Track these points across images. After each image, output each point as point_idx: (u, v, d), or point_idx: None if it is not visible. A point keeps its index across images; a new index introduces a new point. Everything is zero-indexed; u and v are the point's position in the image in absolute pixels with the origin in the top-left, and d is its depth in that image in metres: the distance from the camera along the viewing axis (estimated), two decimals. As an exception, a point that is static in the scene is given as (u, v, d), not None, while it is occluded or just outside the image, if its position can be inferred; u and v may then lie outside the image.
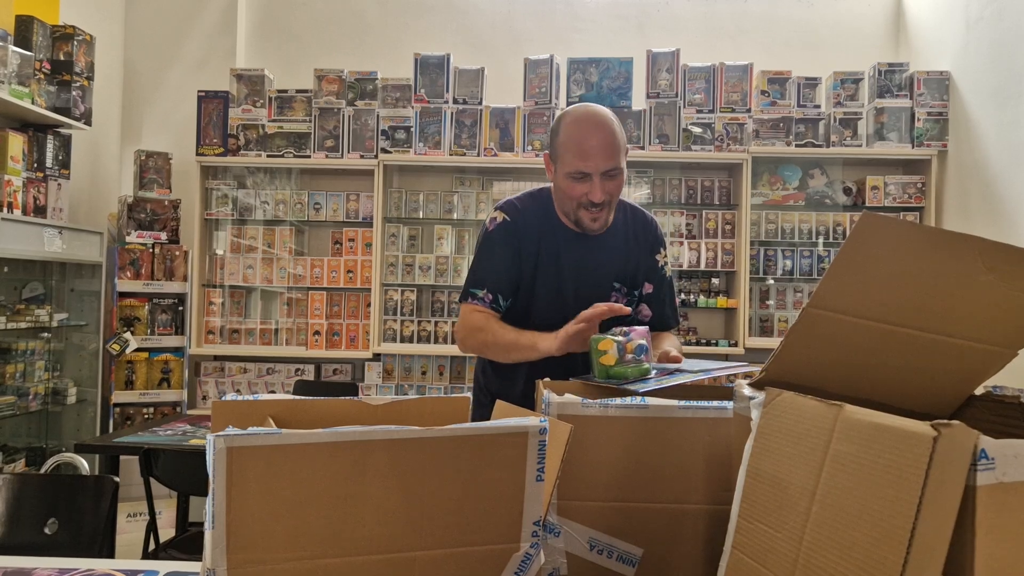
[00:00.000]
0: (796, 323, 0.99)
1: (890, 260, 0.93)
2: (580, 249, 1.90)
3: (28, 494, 1.76)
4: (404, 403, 1.18)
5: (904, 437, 0.71)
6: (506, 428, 0.95)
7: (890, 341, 0.99)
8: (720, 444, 1.13)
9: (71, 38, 3.76)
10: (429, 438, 0.91)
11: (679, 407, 1.16)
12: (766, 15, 4.56)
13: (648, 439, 1.15)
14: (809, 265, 4.16)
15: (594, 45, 4.35)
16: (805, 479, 0.84)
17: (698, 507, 1.14)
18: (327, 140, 4.22)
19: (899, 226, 0.92)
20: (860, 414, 0.80)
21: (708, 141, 4.13)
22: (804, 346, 1.01)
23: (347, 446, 0.88)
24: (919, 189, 4.10)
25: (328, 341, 4.24)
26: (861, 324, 0.98)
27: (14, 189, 3.42)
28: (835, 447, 0.81)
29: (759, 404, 0.97)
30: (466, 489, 0.93)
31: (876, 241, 0.91)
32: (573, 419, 1.13)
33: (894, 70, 4.12)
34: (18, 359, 3.62)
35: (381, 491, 0.89)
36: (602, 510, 1.15)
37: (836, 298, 0.96)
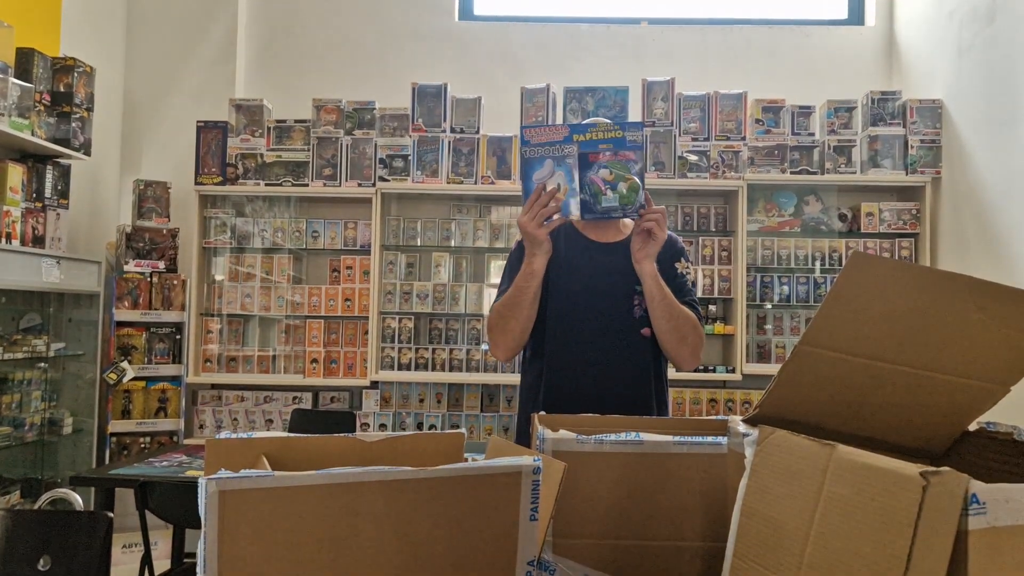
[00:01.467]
0: (789, 360, 1.00)
1: (881, 298, 0.93)
2: (598, 256, 2.02)
3: (21, 531, 1.75)
4: (398, 439, 1.18)
5: (895, 480, 0.71)
6: (499, 468, 0.95)
7: (883, 378, 0.99)
8: (715, 481, 1.13)
9: (71, 70, 3.79)
10: (422, 478, 0.91)
11: (674, 443, 1.16)
12: (760, 45, 4.61)
13: (643, 475, 1.15)
14: (806, 291, 4.17)
15: (590, 74, 4.39)
16: (799, 520, 0.84)
17: (694, 544, 1.13)
18: (325, 169, 4.24)
19: (889, 265, 0.93)
20: (853, 455, 0.80)
21: (704, 168, 4.16)
22: (797, 383, 1.01)
23: (340, 488, 0.88)
24: (914, 215, 4.12)
25: (326, 369, 4.24)
26: (853, 361, 0.99)
27: (13, 220, 3.43)
28: (828, 488, 0.81)
29: (753, 442, 0.97)
30: (460, 529, 0.93)
31: (866, 280, 0.92)
32: (568, 455, 1.13)
33: (887, 98, 4.16)
34: (14, 389, 3.61)
35: (374, 532, 0.89)
36: (598, 547, 1.15)
37: (828, 336, 0.97)
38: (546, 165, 1.76)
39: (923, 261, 4.07)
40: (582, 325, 1.98)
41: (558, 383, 1.99)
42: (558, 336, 2.00)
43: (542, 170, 1.76)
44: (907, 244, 4.15)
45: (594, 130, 1.76)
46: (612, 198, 1.76)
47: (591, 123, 1.84)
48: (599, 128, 1.77)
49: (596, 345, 1.98)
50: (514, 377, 4.15)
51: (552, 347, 2.02)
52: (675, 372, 4.09)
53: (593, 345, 1.98)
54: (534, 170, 1.76)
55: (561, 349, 2.00)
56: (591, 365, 1.97)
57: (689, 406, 4.13)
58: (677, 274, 2.05)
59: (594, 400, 1.91)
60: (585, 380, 1.97)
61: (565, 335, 1.99)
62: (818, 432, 0.93)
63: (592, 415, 1.35)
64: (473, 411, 4.23)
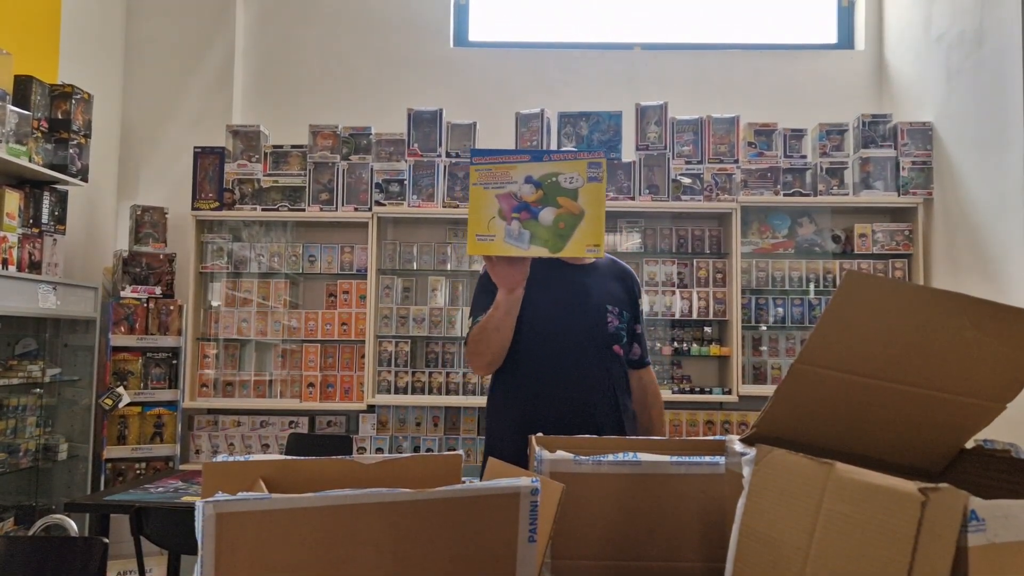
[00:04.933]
0: (785, 379, 1.00)
1: (876, 317, 0.94)
2: (569, 274, 2.09)
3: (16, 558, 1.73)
4: (396, 462, 1.17)
5: (894, 498, 0.72)
6: (497, 489, 0.95)
7: (879, 396, 1.00)
8: (714, 501, 1.13)
9: (69, 96, 3.82)
10: (419, 500, 0.91)
11: (672, 463, 1.16)
12: (752, 69, 4.65)
13: (641, 496, 1.15)
14: (801, 313, 4.18)
15: (584, 99, 4.42)
16: (798, 539, 0.84)
17: (693, 565, 1.13)
18: (322, 193, 4.26)
19: (883, 284, 0.94)
20: (851, 473, 0.80)
21: (697, 191, 4.18)
22: (794, 402, 1.02)
23: (337, 510, 0.87)
24: (907, 236, 4.14)
25: (322, 393, 4.23)
26: (849, 379, 0.99)
27: (9, 245, 3.44)
28: (827, 506, 0.81)
29: (750, 461, 0.97)
30: (458, 551, 0.93)
31: (861, 299, 0.93)
32: (565, 476, 1.13)
33: (878, 121, 4.20)
34: (9, 415, 3.60)
35: (372, 555, 0.89)
36: (596, 569, 1.14)
37: (824, 354, 0.97)
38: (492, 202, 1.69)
39: (917, 281, 4.09)
40: (556, 340, 2.01)
41: (533, 403, 2.00)
42: (532, 354, 2.01)
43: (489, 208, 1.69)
44: (901, 264, 4.17)
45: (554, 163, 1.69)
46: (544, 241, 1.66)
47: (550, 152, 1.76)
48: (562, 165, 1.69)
49: (571, 361, 2.00)
50: (511, 400, 4.14)
51: (525, 362, 2.03)
52: (671, 394, 4.10)
53: (568, 360, 2.00)
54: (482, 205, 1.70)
55: (535, 364, 2.02)
56: (566, 381, 1.99)
57: (686, 427, 4.12)
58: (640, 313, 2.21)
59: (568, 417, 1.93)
60: (560, 397, 1.99)
61: (539, 350, 2.01)
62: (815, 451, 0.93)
63: (590, 436, 1.35)
64: (470, 434, 4.22)
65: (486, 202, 1.66)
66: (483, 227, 1.66)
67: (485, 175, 1.66)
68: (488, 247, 1.66)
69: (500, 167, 1.66)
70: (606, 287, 2.11)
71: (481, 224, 1.66)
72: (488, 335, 1.95)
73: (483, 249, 1.67)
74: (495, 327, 1.92)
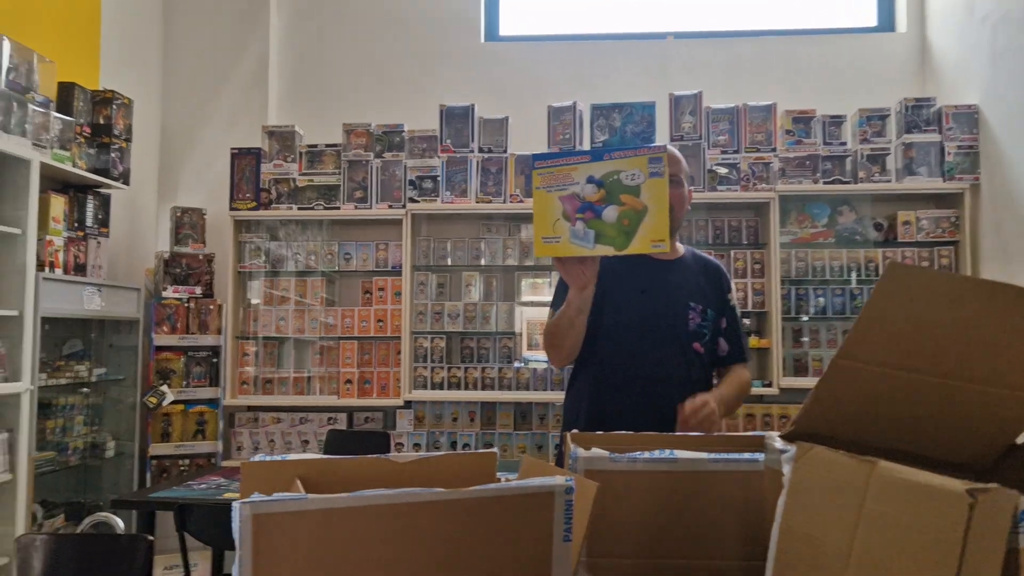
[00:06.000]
0: (825, 374, 0.98)
1: (920, 309, 0.91)
2: (652, 270, 2.07)
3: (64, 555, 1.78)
4: (431, 460, 1.17)
5: (940, 498, 0.69)
6: (532, 488, 0.94)
7: (924, 391, 0.97)
8: (753, 498, 1.11)
9: (110, 102, 3.89)
10: (454, 500, 0.90)
11: (709, 460, 1.14)
12: (788, 55, 4.57)
13: (678, 493, 1.14)
14: (842, 303, 4.10)
15: (617, 90, 4.38)
16: (840, 538, 0.82)
17: (731, 564, 1.11)
18: (356, 191, 4.29)
19: (927, 275, 0.91)
20: (894, 471, 0.78)
21: (734, 181, 4.13)
22: (835, 397, 0.99)
23: (373, 510, 0.87)
24: (952, 223, 4.04)
25: (360, 389, 4.26)
26: (893, 374, 0.96)
27: (55, 249, 3.51)
28: (869, 506, 0.79)
29: (790, 458, 0.95)
30: (493, 550, 0.92)
31: (904, 291, 0.90)
32: (601, 474, 1.12)
33: (921, 105, 4.09)
34: (58, 414, 3.68)
35: (408, 554, 0.89)
36: (633, 567, 1.13)
37: (865, 348, 0.95)
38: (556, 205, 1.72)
39: (964, 269, 3.98)
40: (634, 335, 2.01)
41: (607, 396, 2.02)
42: (610, 348, 2.03)
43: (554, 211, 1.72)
44: (947, 252, 4.06)
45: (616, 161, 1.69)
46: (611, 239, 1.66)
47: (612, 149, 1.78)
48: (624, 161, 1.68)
49: (650, 357, 2.00)
50: (546, 395, 4.14)
51: (603, 358, 2.04)
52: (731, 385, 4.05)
53: (647, 357, 2.00)
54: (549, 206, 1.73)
55: (613, 360, 2.03)
56: (644, 377, 1.99)
57: (726, 421, 4.08)
58: (730, 304, 2.14)
59: (644, 413, 1.92)
60: (636, 392, 1.99)
61: (617, 344, 2.02)
62: (858, 447, 0.90)
63: (626, 432, 1.34)
64: (506, 429, 4.22)
65: (550, 204, 1.68)
66: (548, 229, 1.69)
67: (547, 178, 1.68)
68: (555, 249, 1.69)
69: (562, 169, 1.67)
70: (690, 283, 2.08)
71: (546, 226, 1.69)
72: (562, 331, 1.98)
73: (550, 251, 1.71)
74: (568, 324, 1.95)
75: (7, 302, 3.21)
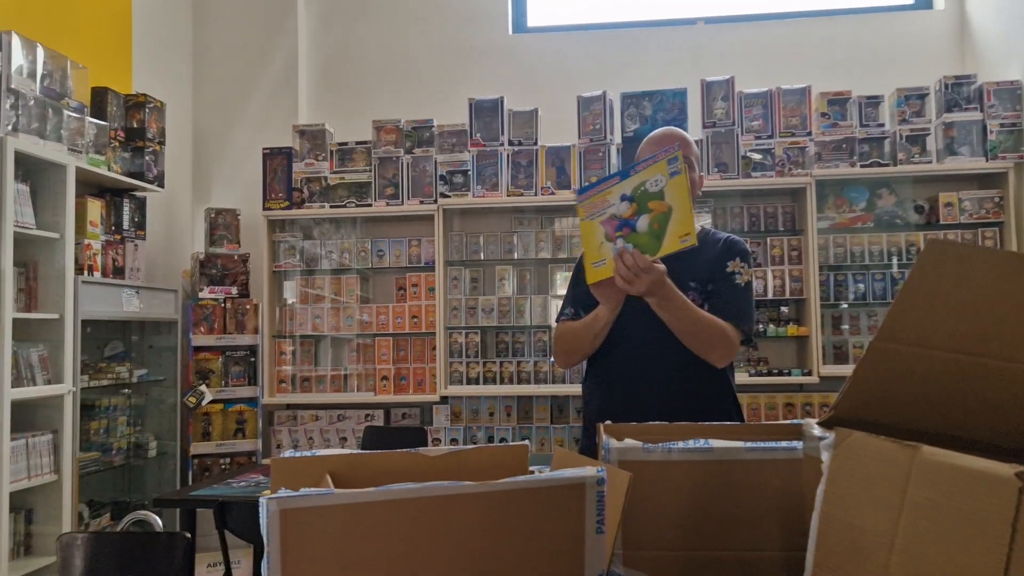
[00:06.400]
0: (864, 358, 0.94)
1: (962, 288, 0.87)
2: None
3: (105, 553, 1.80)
4: (462, 454, 1.16)
5: (987, 483, 0.66)
6: (563, 480, 0.92)
7: (967, 372, 0.93)
8: (792, 487, 1.08)
9: (143, 106, 3.94)
10: (484, 492, 0.89)
11: (745, 449, 1.11)
12: (822, 36, 4.48)
13: (715, 483, 1.11)
14: (883, 288, 4.01)
15: (647, 78, 4.33)
16: (882, 526, 0.79)
17: (771, 555, 1.08)
18: (387, 188, 4.30)
19: (969, 251, 0.87)
20: (938, 455, 0.75)
21: (769, 167, 4.05)
22: (875, 381, 0.96)
23: (401, 504, 0.86)
24: (997, 203, 3.93)
25: (396, 386, 4.28)
26: (935, 356, 0.93)
27: (94, 252, 3.58)
28: (913, 492, 0.76)
29: (829, 445, 0.92)
30: (525, 543, 0.91)
31: (944, 269, 0.86)
32: (635, 465, 1.10)
33: (961, 83, 3.98)
34: (101, 415, 3.75)
35: (438, 548, 0.88)
36: (671, 560, 1.10)
37: (905, 330, 0.91)
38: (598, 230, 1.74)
39: (1009, 249, 3.87)
40: (635, 327, 1.97)
41: (615, 387, 2.01)
42: (613, 340, 2.01)
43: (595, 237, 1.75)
44: (991, 234, 3.95)
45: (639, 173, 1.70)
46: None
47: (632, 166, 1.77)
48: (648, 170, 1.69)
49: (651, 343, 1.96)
50: (583, 388, 4.11)
51: (607, 351, 2.03)
52: (748, 377, 4.00)
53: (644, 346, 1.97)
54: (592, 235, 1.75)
55: (615, 352, 2.02)
56: (647, 362, 1.97)
57: (764, 411, 4.02)
58: (726, 271, 2.04)
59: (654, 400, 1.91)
60: (642, 380, 1.98)
61: (619, 339, 2.00)
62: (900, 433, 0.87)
63: (659, 423, 1.31)
64: (543, 423, 4.21)
65: (594, 231, 1.74)
66: (596, 254, 1.74)
67: (588, 208, 1.74)
68: (603, 271, 1.74)
69: (599, 196, 1.72)
70: (695, 262, 2.00)
71: (593, 252, 1.75)
72: (584, 341, 2.00)
73: (599, 275, 1.76)
74: (593, 336, 1.97)
75: (48, 306, 3.28)
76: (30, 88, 3.20)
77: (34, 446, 3.14)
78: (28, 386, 3.12)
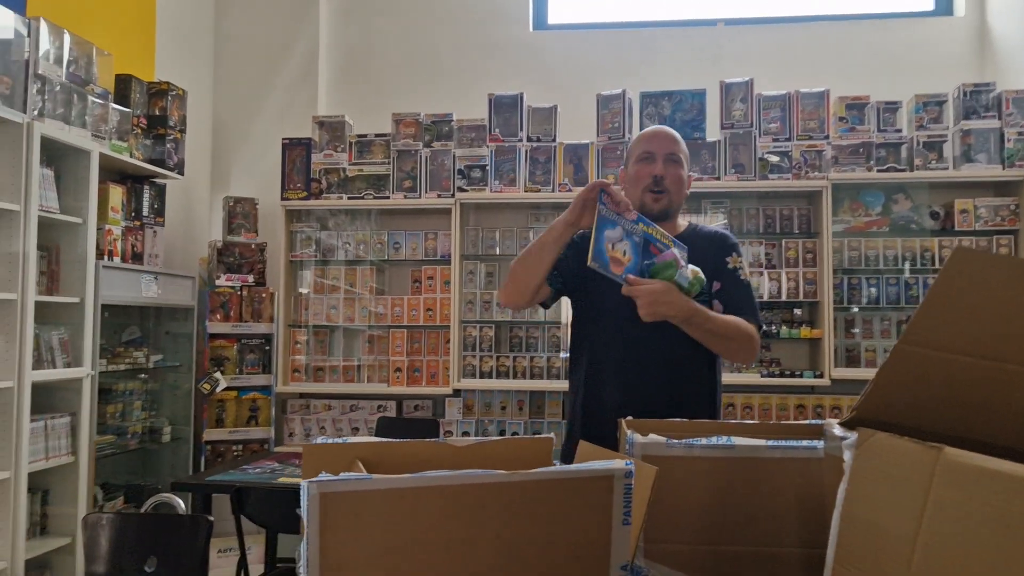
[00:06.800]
0: (888, 360, 0.96)
1: (988, 295, 0.89)
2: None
3: (129, 533, 1.84)
4: (488, 444, 1.19)
5: (1012, 484, 0.68)
6: (592, 471, 0.95)
7: (991, 377, 0.95)
8: (813, 485, 1.10)
9: (165, 94, 3.98)
10: (516, 482, 0.92)
11: (768, 447, 1.14)
12: (842, 40, 4.48)
13: (737, 480, 1.13)
14: (896, 293, 4.02)
15: (666, 78, 4.34)
16: (904, 526, 0.81)
17: (791, 551, 1.11)
18: (405, 181, 4.32)
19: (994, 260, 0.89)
20: (962, 457, 0.77)
21: (786, 169, 4.06)
22: (898, 384, 0.98)
23: (435, 491, 0.89)
24: (1012, 211, 3.93)
25: (409, 377, 4.31)
26: (960, 360, 0.95)
27: (114, 238, 3.62)
28: (936, 492, 0.78)
29: (851, 445, 0.94)
30: (553, 532, 0.93)
31: (971, 276, 0.88)
32: (658, 460, 1.12)
33: (980, 91, 3.98)
34: (117, 399, 3.80)
35: (470, 534, 0.90)
36: (692, 553, 1.13)
37: (930, 334, 0.93)
38: (617, 229, 1.83)
39: (1024, 259, 3.87)
40: (620, 324, 1.97)
41: (601, 385, 2.01)
42: (600, 334, 2.03)
43: (613, 231, 1.82)
44: (1006, 241, 3.96)
45: (655, 228, 1.88)
46: None
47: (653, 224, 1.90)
48: (658, 231, 1.88)
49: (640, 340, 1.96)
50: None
51: (595, 345, 2.05)
52: (760, 378, 4.02)
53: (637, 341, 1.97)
54: (606, 227, 1.82)
55: (600, 350, 2.03)
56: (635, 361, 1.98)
57: (776, 412, 4.03)
58: (727, 267, 2.05)
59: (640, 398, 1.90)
60: (631, 377, 1.98)
61: (604, 335, 2.03)
62: (922, 435, 0.89)
63: (682, 420, 1.34)
64: (555, 418, 4.23)
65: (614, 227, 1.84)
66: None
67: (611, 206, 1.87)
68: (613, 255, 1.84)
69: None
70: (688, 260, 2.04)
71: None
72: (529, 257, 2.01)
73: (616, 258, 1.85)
74: (539, 248, 1.98)
75: (70, 289, 3.32)
76: (56, 74, 3.24)
77: (52, 428, 3.19)
78: (48, 368, 3.17)
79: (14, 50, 3.03)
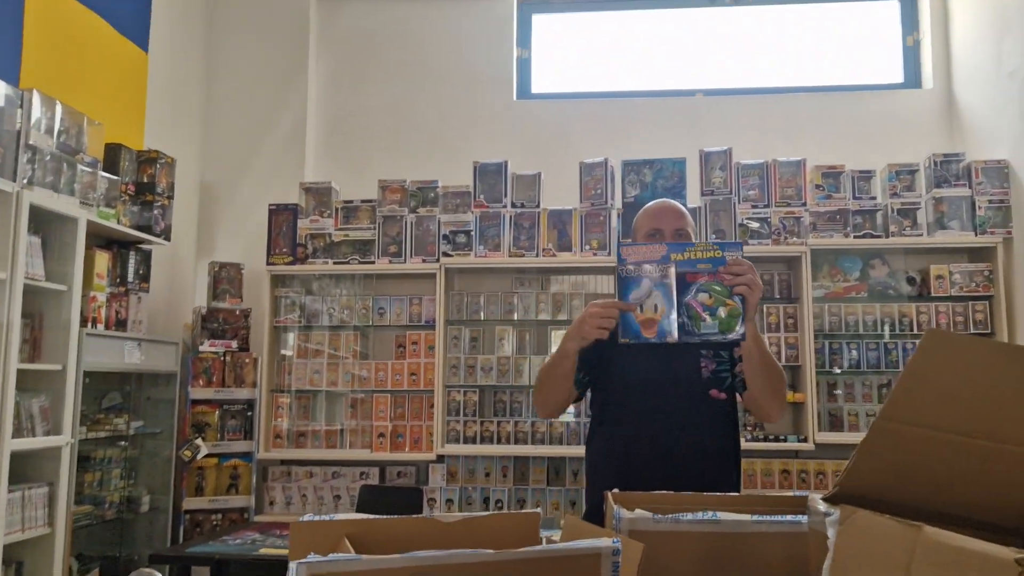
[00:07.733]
0: (867, 436, 0.99)
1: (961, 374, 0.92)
2: None
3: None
4: (475, 520, 1.19)
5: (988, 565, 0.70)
6: (579, 550, 0.95)
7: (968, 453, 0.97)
8: (797, 560, 1.11)
9: (155, 161, 4.03)
10: (504, 561, 0.92)
11: (752, 521, 1.15)
12: (817, 111, 4.62)
13: (722, 555, 1.14)
14: (876, 357, 4.07)
15: (648, 146, 4.44)
16: (888, 604, 0.82)
17: (778, 627, 1.11)
18: (391, 246, 4.36)
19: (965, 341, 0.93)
20: (940, 536, 0.79)
21: (765, 235, 4.15)
22: (878, 459, 1.00)
23: (423, 571, 0.90)
24: (987, 277, 4.01)
25: (392, 443, 4.27)
26: (936, 436, 0.97)
27: (98, 304, 3.61)
28: (916, 571, 0.79)
29: (835, 522, 0.95)
30: (541, 612, 0.94)
31: (943, 357, 0.92)
32: (644, 535, 1.13)
33: (950, 160, 4.11)
34: (96, 468, 3.73)
35: (457, 615, 0.90)
36: (677, 629, 1.13)
37: (907, 411, 0.96)
38: (643, 285, 1.73)
39: (999, 324, 3.94)
40: (645, 393, 1.99)
41: (626, 449, 2.00)
42: (625, 406, 2.02)
43: (639, 290, 1.73)
44: (981, 307, 4.03)
45: (692, 249, 1.75)
46: (711, 324, 1.73)
47: (689, 244, 1.83)
48: (698, 248, 1.75)
49: (657, 412, 1.98)
50: (579, 449, 4.11)
51: (619, 417, 2.04)
52: (745, 442, 4.02)
53: (654, 413, 1.98)
54: (631, 289, 1.74)
55: (627, 419, 2.02)
56: (658, 428, 1.97)
57: (760, 478, 4.03)
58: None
59: (664, 463, 1.91)
60: (653, 444, 1.97)
61: (630, 404, 2.02)
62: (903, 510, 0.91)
63: (667, 492, 1.35)
64: (539, 485, 4.20)
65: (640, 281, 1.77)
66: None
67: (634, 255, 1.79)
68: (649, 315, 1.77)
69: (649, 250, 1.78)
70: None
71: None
72: (544, 379, 2.04)
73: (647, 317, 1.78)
74: (549, 375, 2.01)
75: (52, 356, 3.30)
76: (47, 144, 3.27)
77: (30, 498, 3.12)
78: (28, 436, 3.12)
79: (6, 120, 3.06)
